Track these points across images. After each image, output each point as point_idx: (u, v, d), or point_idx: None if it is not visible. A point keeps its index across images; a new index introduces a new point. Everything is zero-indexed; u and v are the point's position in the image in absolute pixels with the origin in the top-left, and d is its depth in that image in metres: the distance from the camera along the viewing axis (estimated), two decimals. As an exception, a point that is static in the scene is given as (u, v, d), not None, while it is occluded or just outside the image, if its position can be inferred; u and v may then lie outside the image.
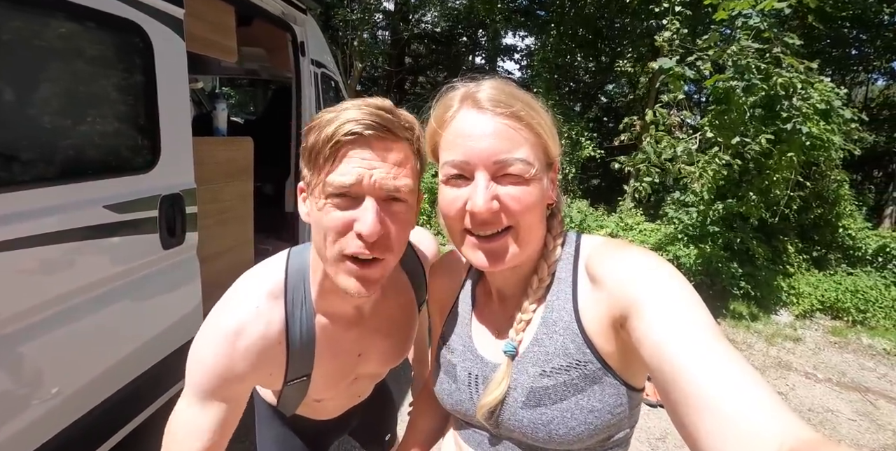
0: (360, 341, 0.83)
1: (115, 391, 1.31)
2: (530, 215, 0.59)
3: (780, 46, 3.35)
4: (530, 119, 0.59)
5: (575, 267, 0.64)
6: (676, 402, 0.44)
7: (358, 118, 0.60)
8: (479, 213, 0.57)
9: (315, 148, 0.62)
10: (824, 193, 4.96)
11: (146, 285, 1.41)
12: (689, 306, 0.49)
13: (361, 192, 0.61)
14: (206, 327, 0.70)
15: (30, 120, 1.08)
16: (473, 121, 0.59)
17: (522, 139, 0.58)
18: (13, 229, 1.01)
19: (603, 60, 8.42)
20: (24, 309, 1.06)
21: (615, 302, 0.55)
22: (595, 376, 0.58)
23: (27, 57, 1.06)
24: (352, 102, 0.64)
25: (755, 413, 0.39)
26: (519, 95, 0.61)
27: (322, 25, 8.19)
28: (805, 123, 3.25)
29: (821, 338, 4.01)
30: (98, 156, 1.27)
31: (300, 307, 0.74)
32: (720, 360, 0.44)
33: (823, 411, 2.90)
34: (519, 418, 0.61)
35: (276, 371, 0.75)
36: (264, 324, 0.70)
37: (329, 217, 0.62)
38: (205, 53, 1.99)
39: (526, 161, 0.57)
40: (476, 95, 0.60)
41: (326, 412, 1.03)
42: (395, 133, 0.62)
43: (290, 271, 0.75)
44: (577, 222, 5.68)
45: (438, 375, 0.74)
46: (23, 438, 1.07)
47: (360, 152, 0.61)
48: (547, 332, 0.62)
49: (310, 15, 2.79)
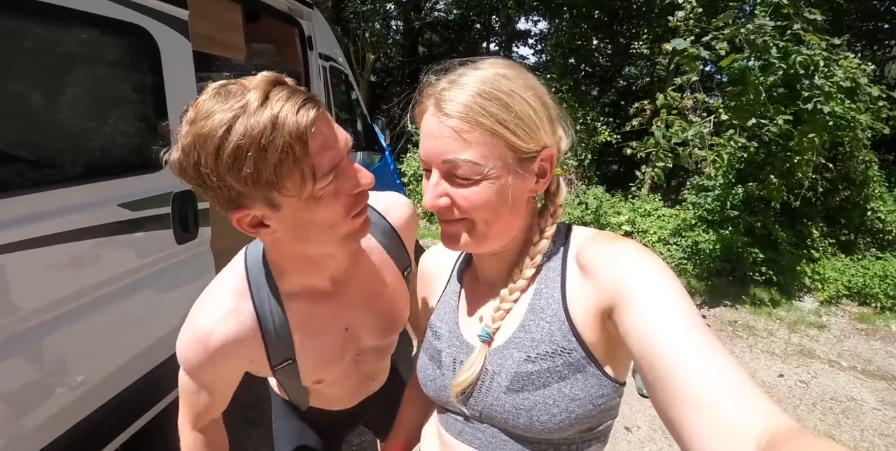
0: (340, 315, 0.84)
1: (136, 379, 1.38)
2: (484, 212, 0.61)
3: (800, 22, 3.21)
4: (487, 118, 0.57)
5: (564, 257, 0.66)
6: (661, 394, 0.46)
7: (294, 107, 0.56)
8: (427, 207, 0.62)
9: (278, 163, 0.55)
10: (851, 175, 4.75)
11: (162, 278, 1.47)
12: (675, 299, 0.50)
13: (341, 159, 0.63)
14: (186, 327, 0.75)
15: (46, 124, 1.13)
16: (430, 121, 0.61)
17: (473, 140, 0.57)
18: (37, 228, 1.07)
19: (620, 42, 8.21)
20: (49, 302, 1.13)
21: (603, 292, 0.56)
22: (579, 364, 0.59)
23: (43, 65, 1.11)
24: (250, 97, 0.55)
25: (736, 405, 0.40)
26: (486, 91, 0.58)
27: (333, 18, 8.20)
28: (827, 103, 3.12)
29: (846, 325, 3.90)
30: (111, 156, 1.33)
31: (266, 295, 0.76)
32: (702, 352, 0.45)
33: (847, 400, 2.83)
34: (501, 403, 0.62)
35: (256, 358, 0.78)
36: (234, 318, 0.74)
37: (330, 203, 0.63)
38: (213, 52, 2.04)
39: (472, 162, 0.57)
40: (439, 95, 0.60)
41: (340, 400, 1.04)
42: (308, 95, 0.60)
43: (249, 264, 0.78)
44: (594, 209, 5.60)
45: (423, 361, 0.75)
46: (56, 419, 1.14)
47: (321, 131, 0.58)
48: (534, 318, 0.63)
49: (317, 9, 2.81)
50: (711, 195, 4.62)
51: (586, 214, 5.59)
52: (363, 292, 0.86)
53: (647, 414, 2.58)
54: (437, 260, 0.85)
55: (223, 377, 0.79)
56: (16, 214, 1.04)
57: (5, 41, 1.03)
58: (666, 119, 3.44)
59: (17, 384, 1.06)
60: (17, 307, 1.06)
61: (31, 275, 1.09)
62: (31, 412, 1.09)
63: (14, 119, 1.06)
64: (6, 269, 1.03)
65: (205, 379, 0.77)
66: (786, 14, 3.28)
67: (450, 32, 12.46)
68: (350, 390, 1.03)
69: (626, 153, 3.81)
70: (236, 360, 0.76)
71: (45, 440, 1.12)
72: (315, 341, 0.82)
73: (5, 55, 1.03)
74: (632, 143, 3.77)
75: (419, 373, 0.75)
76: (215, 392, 0.80)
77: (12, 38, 1.05)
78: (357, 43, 8.21)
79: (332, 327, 0.84)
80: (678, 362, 0.45)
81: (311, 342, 0.81)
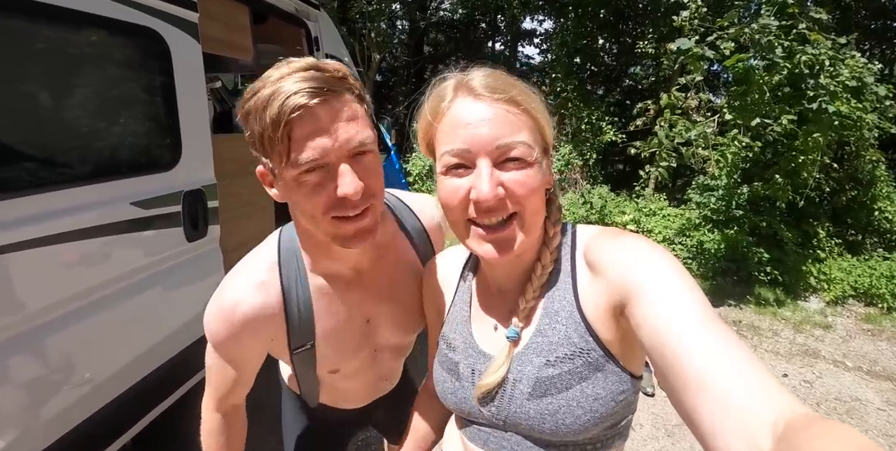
0: (363, 305, 0.84)
1: (148, 374, 1.41)
2: (535, 199, 0.59)
3: (806, 22, 3.20)
4: (527, 104, 0.59)
5: (573, 256, 0.65)
6: (675, 385, 0.45)
7: (296, 90, 0.58)
8: (484, 200, 0.56)
9: (264, 134, 0.60)
10: (858, 174, 4.73)
11: (173, 275, 1.50)
12: (686, 290, 0.50)
13: (330, 160, 0.62)
14: (213, 299, 0.77)
15: (62, 125, 1.17)
16: (471, 108, 0.58)
17: (522, 123, 0.58)
18: (54, 225, 1.11)
19: (625, 42, 8.18)
20: (62, 298, 1.16)
21: (614, 289, 0.56)
22: (598, 363, 0.59)
23: (59, 68, 1.15)
24: (277, 72, 0.61)
25: (751, 393, 0.39)
26: (512, 81, 0.61)
27: (339, 18, 8.22)
28: (833, 102, 3.11)
29: (852, 325, 3.89)
30: (125, 156, 1.36)
31: (295, 275, 0.78)
32: (716, 342, 0.44)
33: (851, 400, 2.82)
34: (525, 409, 0.61)
35: (277, 337, 0.80)
36: (262, 293, 0.75)
37: (309, 196, 0.64)
38: (222, 53, 2.07)
39: (528, 144, 0.58)
40: (470, 83, 0.60)
41: (353, 399, 1.04)
42: (336, 90, 0.61)
43: (282, 244, 0.80)
44: (598, 209, 5.60)
45: (441, 374, 0.73)
46: (70, 412, 1.18)
47: (313, 122, 0.60)
48: (549, 322, 0.63)
49: (323, 10, 2.84)
50: (716, 195, 4.61)
51: (591, 213, 5.59)
52: (387, 286, 0.86)
53: (651, 413, 2.59)
54: (443, 268, 0.82)
55: (246, 353, 0.80)
56: (35, 212, 1.08)
57: (24, 44, 1.07)
58: (670, 119, 3.44)
59: (32, 378, 1.09)
60: (35, 302, 1.09)
61: (48, 271, 1.12)
62: (44, 405, 1.12)
63: (33, 120, 1.10)
64: (25, 265, 1.06)
65: (231, 353, 0.79)
66: (791, 13, 3.27)
67: (455, 32, 12.46)
68: (363, 388, 1.03)
69: (630, 153, 3.81)
70: (259, 336, 0.78)
71: (55, 436, 1.14)
72: (336, 327, 0.82)
73: (24, 58, 1.07)
74: (636, 142, 3.78)
75: (437, 387, 0.74)
76: (240, 370, 0.81)
77: (31, 40, 1.08)
78: (362, 43, 8.24)
79: (353, 317, 0.84)
80: (690, 351, 0.44)
81: (332, 328, 0.82)
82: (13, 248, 1.03)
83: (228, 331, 0.75)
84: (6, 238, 1.01)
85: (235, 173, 2.11)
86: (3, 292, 1.03)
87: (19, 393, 1.06)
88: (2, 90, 1.02)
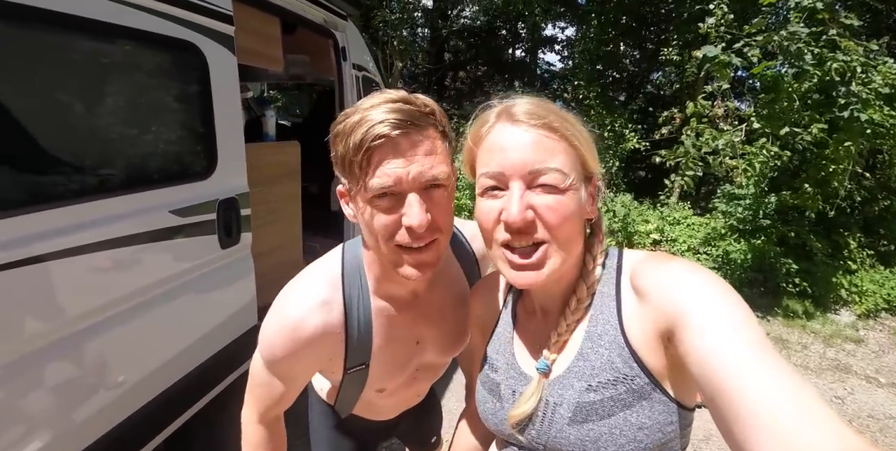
0: (416, 327, 0.85)
1: (184, 375, 1.45)
2: (567, 226, 0.59)
3: (836, 28, 3.13)
4: (565, 131, 0.59)
5: (618, 281, 0.64)
6: (726, 414, 0.44)
7: (382, 119, 0.61)
8: (513, 221, 0.57)
9: (346, 157, 0.64)
10: (891, 184, 4.59)
11: (207, 281, 1.55)
12: (738, 316, 0.49)
13: (402, 189, 0.64)
14: (274, 314, 0.77)
15: (107, 135, 1.22)
16: (508, 133, 0.60)
17: (556, 149, 0.59)
18: (98, 233, 1.16)
19: (648, 48, 8.12)
20: (104, 303, 1.20)
21: (661, 315, 0.55)
22: (643, 391, 0.57)
23: (104, 81, 1.20)
24: (370, 100, 0.65)
25: (810, 429, 0.38)
26: (553, 109, 0.62)
27: (362, 27, 8.36)
28: (865, 110, 3.03)
29: (886, 339, 3.76)
30: (164, 166, 1.41)
31: (357, 294, 0.78)
32: (771, 372, 0.43)
33: (885, 418, 2.73)
34: (566, 435, 0.60)
35: (335, 356, 0.80)
36: (325, 312, 0.76)
37: (377, 219, 0.66)
38: (253, 64, 2.13)
39: (560, 171, 0.58)
40: (511, 110, 0.61)
41: (384, 412, 1.05)
42: (419, 124, 0.64)
43: (346, 262, 0.80)
44: (621, 217, 5.54)
45: (482, 395, 0.73)
46: (112, 409, 1.22)
47: (393, 152, 0.63)
48: (592, 346, 0.61)
49: (350, 20, 2.90)
50: (743, 204, 4.53)
51: (614, 221, 5.53)
52: (437, 309, 0.87)
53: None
54: (489, 288, 0.83)
55: (300, 371, 0.81)
56: (82, 220, 1.13)
57: (75, 58, 1.12)
58: (696, 128, 3.40)
59: (73, 379, 1.14)
60: (77, 308, 1.14)
61: (91, 276, 1.16)
62: (83, 405, 1.16)
63: (80, 131, 1.15)
64: (71, 270, 1.11)
65: (284, 370, 0.78)
66: (821, 19, 3.21)
67: (476, 39, 12.53)
68: (396, 403, 1.04)
69: (654, 161, 3.77)
70: (319, 354, 0.78)
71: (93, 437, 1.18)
72: (390, 348, 0.83)
73: (74, 71, 1.12)
74: (661, 151, 3.73)
75: (479, 407, 0.74)
76: (289, 386, 0.81)
77: (81, 55, 1.14)
78: (385, 51, 8.36)
79: (406, 338, 0.85)
80: (741, 384, 0.43)
81: (386, 349, 0.83)
82: (61, 254, 1.07)
83: (289, 349, 0.74)
84: (57, 245, 1.06)
85: (267, 181, 2.16)
86: (48, 298, 1.07)
87: (61, 395, 1.10)
88: (51, 102, 1.07)
